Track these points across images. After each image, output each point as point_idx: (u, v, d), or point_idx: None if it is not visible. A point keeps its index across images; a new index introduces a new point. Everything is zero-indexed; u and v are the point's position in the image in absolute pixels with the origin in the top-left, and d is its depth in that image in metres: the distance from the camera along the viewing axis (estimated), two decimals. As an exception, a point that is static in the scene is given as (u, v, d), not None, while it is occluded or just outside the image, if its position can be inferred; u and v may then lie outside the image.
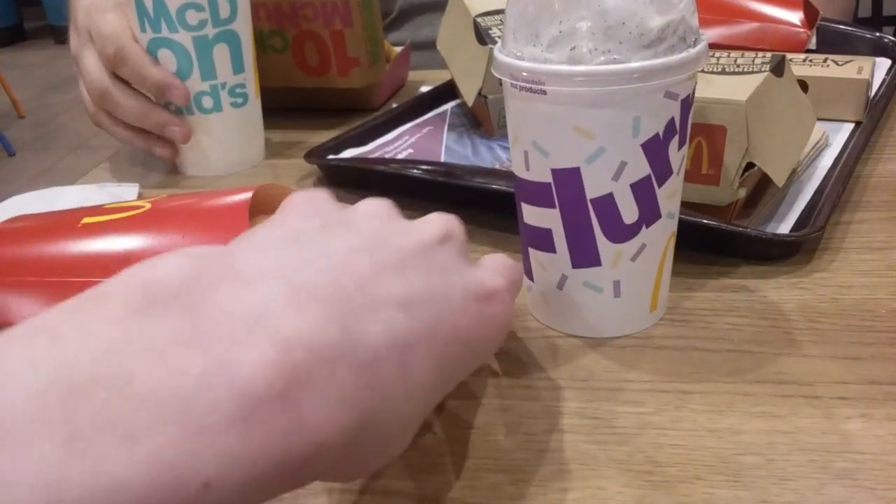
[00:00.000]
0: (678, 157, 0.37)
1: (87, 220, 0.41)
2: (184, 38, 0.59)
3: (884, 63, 0.69)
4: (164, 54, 0.60)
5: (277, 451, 0.20)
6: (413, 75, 0.85)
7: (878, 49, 0.71)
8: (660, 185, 0.36)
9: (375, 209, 0.31)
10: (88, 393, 0.19)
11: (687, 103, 0.36)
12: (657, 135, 0.35)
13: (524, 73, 0.35)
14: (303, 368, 0.21)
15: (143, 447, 0.19)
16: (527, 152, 0.37)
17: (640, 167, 0.35)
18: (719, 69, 0.47)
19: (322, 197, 0.30)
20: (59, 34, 4.81)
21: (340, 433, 0.22)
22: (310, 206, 0.29)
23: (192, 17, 0.59)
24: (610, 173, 0.35)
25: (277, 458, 0.21)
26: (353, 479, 0.31)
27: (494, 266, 0.32)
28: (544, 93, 0.35)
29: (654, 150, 0.35)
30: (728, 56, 0.49)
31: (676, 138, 0.36)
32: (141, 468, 0.18)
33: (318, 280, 0.24)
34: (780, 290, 0.42)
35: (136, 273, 0.22)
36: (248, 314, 0.21)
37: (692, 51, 0.34)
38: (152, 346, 0.20)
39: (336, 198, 0.31)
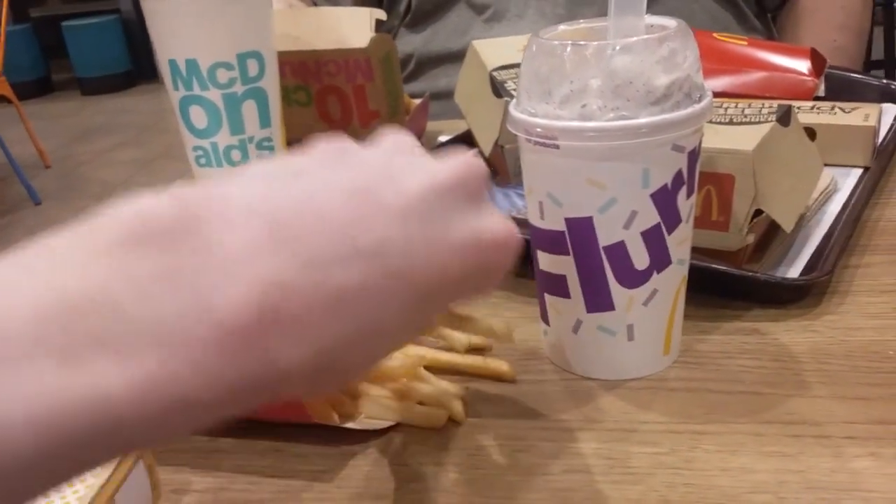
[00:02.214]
0: (687, 205, 0.38)
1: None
2: (214, 95, 0.62)
3: (891, 109, 0.70)
4: (195, 111, 0.63)
5: (248, 375, 0.23)
6: (432, 125, 0.87)
7: (886, 95, 0.73)
8: (669, 233, 0.38)
9: (397, 143, 0.31)
10: (82, 314, 0.21)
11: (694, 155, 0.38)
12: (665, 185, 0.37)
13: (538, 129, 0.37)
14: (271, 307, 0.23)
15: (131, 365, 0.21)
16: (541, 202, 0.39)
17: (650, 216, 0.37)
18: (727, 119, 0.49)
19: (346, 139, 0.31)
20: (84, 86, 4.94)
21: (302, 366, 0.24)
22: (330, 142, 0.30)
23: (223, 75, 0.61)
24: (621, 222, 0.37)
25: (248, 381, 0.23)
26: (319, 395, 0.34)
27: (501, 220, 0.31)
28: (557, 147, 0.37)
29: (664, 199, 0.37)
30: (736, 107, 0.51)
31: (685, 188, 0.38)
32: (130, 383, 0.21)
33: (302, 221, 0.25)
34: (790, 333, 0.43)
35: (128, 209, 0.24)
36: (230, 252, 0.23)
37: (697, 106, 0.36)
38: (136, 278, 0.22)
39: None
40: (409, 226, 0.27)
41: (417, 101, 0.84)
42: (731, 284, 0.46)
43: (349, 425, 0.39)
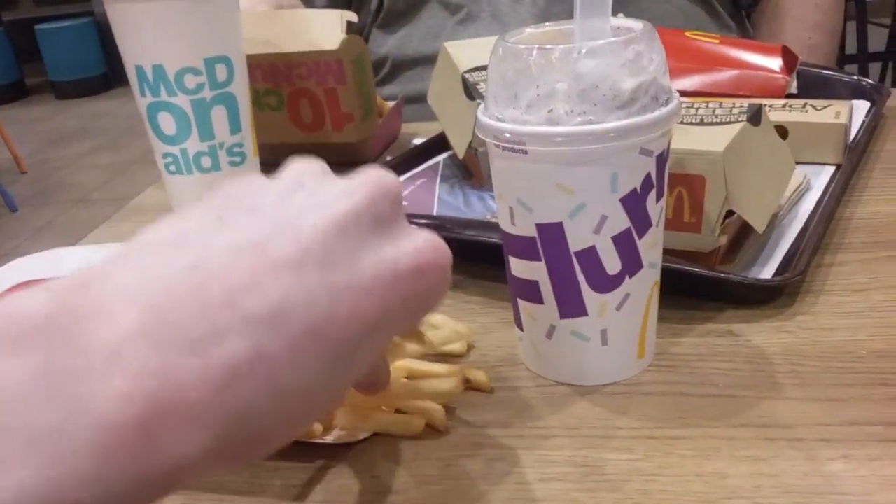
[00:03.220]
0: (657, 209, 0.38)
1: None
2: (182, 101, 0.61)
3: (862, 105, 0.71)
4: (164, 117, 0.62)
5: (136, 474, 0.22)
6: (406, 128, 0.87)
7: (857, 92, 0.73)
8: (640, 237, 0.38)
9: (300, 173, 0.29)
10: None
11: (662, 159, 0.37)
12: (635, 189, 0.37)
13: (506, 134, 0.36)
14: (153, 399, 0.22)
15: (13, 476, 0.20)
16: (512, 208, 0.39)
17: (620, 220, 0.37)
18: (698, 120, 0.49)
19: (249, 179, 0.29)
20: (59, 90, 4.89)
21: (198, 450, 0.23)
22: (229, 188, 0.28)
23: (191, 81, 0.61)
24: (591, 227, 0.37)
25: (137, 479, 0.22)
26: (237, 469, 0.32)
27: (421, 240, 0.29)
28: (525, 152, 0.36)
29: (633, 203, 0.37)
30: (706, 107, 0.51)
31: (654, 192, 0.37)
32: (12, 494, 0.20)
33: (181, 300, 0.24)
34: (763, 334, 0.43)
35: (3, 306, 0.23)
36: (104, 347, 0.22)
37: (664, 109, 0.36)
38: (12, 383, 0.21)
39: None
40: (307, 276, 0.25)
41: (391, 104, 0.84)
42: (704, 286, 0.46)
43: (323, 439, 0.38)
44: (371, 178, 0.29)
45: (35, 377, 0.21)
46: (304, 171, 0.29)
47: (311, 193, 0.28)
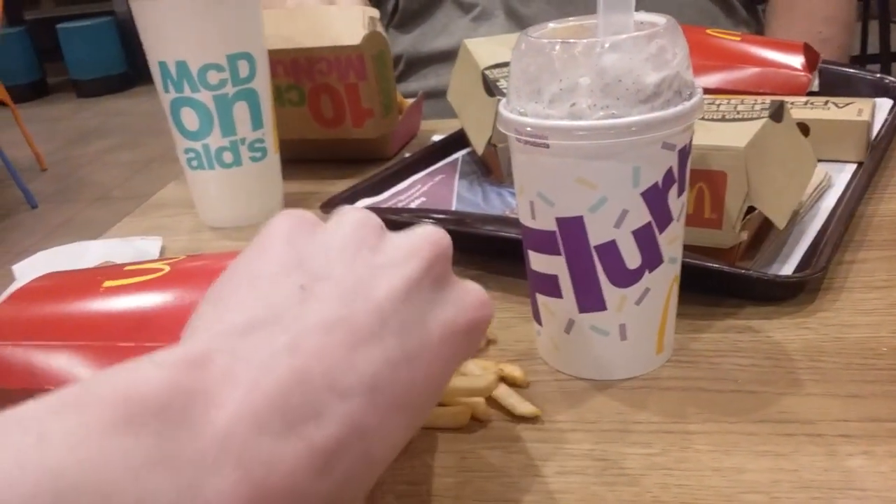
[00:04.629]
0: (678, 204, 0.38)
1: (108, 283, 0.42)
2: (205, 97, 0.62)
3: (885, 103, 0.70)
4: (186, 113, 0.63)
5: None
6: (425, 125, 0.87)
7: (880, 90, 0.73)
8: (661, 232, 0.38)
9: (358, 230, 0.29)
10: (73, 502, 0.20)
11: (684, 153, 0.37)
12: (656, 184, 0.37)
13: (528, 129, 0.37)
14: (261, 484, 0.23)
15: None
16: (532, 202, 0.39)
17: (641, 215, 0.37)
18: (720, 116, 0.49)
19: (299, 226, 0.30)
20: (80, 88, 4.93)
21: None
22: (292, 237, 0.29)
23: (213, 77, 0.61)
24: (612, 221, 0.37)
25: None
26: None
27: (471, 296, 0.31)
28: (547, 146, 0.36)
29: (654, 198, 0.37)
30: (728, 103, 0.51)
31: (675, 186, 0.37)
32: None
33: (283, 381, 0.24)
34: (784, 330, 0.43)
35: (114, 384, 0.23)
36: (215, 434, 0.23)
37: (687, 104, 0.36)
38: (128, 464, 0.21)
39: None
40: (388, 347, 0.26)
41: (411, 101, 0.84)
42: (725, 282, 0.46)
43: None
44: (430, 238, 0.30)
45: (148, 458, 0.22)
46: (363, 225, 0.30)
47: (377, 255, 0.29)
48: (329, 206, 0.63)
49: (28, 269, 0.60)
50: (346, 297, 0.27)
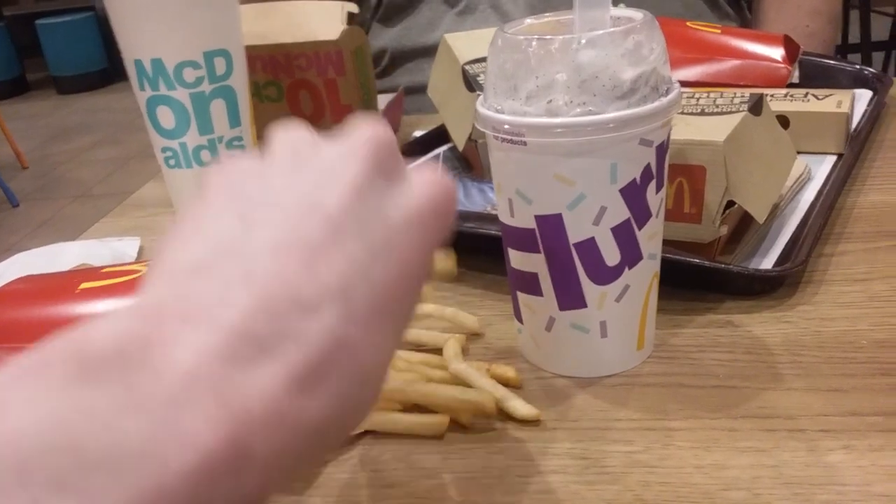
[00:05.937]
0: (656, 200, 0.38)
1: (85, 285, 0.42)
2: (181, 95, 0.61)
3: (864, 95, 0.70)
4: (163, 111, 0.62)
5: (230, 490, 0.22)
6: (407, 120, 0.86)
7: (860, 81, 0.73)
8: (640, 228, 0.38)
9: (291, 147, 0.29)
10: (42, 460, 0.19)
11: (662, 149, 0.37)
12: (634, 180, 0.36)
13: (505, 126, 0.36)
14: (242, 412, 0.22)
15: None
16: (511, 200, 0.38)
17: (620, 211, 0.37)
18: (699, 110, 0.49)
19: (232, 163, 0.29)
20: (60, 85, 4.88)
21: (291, 457, 0.23)
22: (226, 180, 0.28)
23: (190, 75, 0.60)
24: (591, 218, 0.37)
25: (231, 496, 0.22)
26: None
27: (426, 177, 0.29)
28: (525, 143, 0.36)
29: (633, 194, 0.37)
30: (707, 97, 0.51)
31: (654, 182, 0.37)
32: None
33: (245, 311, 0.23)
34: (764, 325, 0.43)
35: (71, 339, 0.23)
36: (184, 372, 0.22)
37: (664, 100, 0.36)
38: (95, 415, 0.21)
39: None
40: (350, 249, 0.25)
41: (391, 96, 0.84)
42: (705, 277, 0.46)
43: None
44: (366, 135, 0.28)
45: (115, 405, 0.21)
46: (295, 141, 0.29)
47: (315, 165, 0.28)
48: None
49: (4, 271, 0.59)
50: (291, 216, 0.26)
